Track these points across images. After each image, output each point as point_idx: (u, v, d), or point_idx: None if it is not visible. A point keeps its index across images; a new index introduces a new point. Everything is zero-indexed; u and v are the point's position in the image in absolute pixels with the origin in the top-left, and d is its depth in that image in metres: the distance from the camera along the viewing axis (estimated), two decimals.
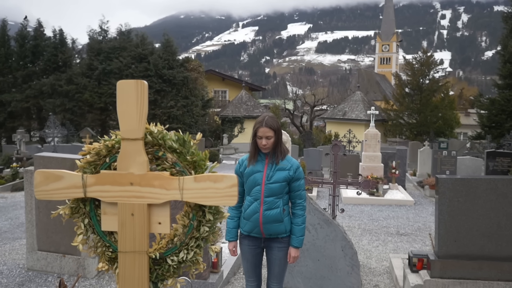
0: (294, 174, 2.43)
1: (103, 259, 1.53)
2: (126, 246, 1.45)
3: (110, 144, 1.48)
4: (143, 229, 1.44)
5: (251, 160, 2.45)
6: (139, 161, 1.42)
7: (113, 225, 1.46)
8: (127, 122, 1.42)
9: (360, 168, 9.91)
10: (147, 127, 1.45)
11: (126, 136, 1.42)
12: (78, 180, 1.44)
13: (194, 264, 1.50)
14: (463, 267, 3.39)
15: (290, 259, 2.50)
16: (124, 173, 1.42)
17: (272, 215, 2.40)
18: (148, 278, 1.46)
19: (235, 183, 1.38)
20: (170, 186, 1.40)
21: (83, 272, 4.02)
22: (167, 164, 1.45)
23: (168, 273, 1.50)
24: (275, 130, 2.38)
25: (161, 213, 1.45)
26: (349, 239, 3.61)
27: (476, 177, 4.13)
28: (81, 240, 1.50)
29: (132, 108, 1.41)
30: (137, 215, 1.43)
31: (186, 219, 1.47)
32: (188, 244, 1.47)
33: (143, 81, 1.42)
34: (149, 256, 1.46)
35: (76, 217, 1.51)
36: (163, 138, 1.45)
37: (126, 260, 1.45)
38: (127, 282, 1.46)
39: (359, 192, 5.32)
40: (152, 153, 1.46)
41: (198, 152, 1.47)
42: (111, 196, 1.44)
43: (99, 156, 1.48)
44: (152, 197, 1.42)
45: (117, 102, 1.43)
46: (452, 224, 3.42)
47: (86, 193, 1.45)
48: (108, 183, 1.43)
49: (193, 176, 1.41)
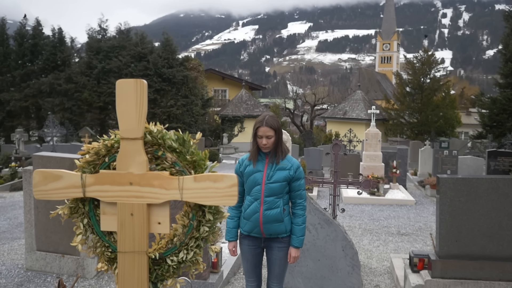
0: (294, 174, 2.42)
1: (102, 259, 1.52)
2: (126, 246, 1.44)
3: (109, 143, 1.47)
4: (142, 229, 1.43)
5: (251, 159, 2.43)
6: (138, 161, 1.41)
7: (112, 225, 1.45)
8: (127, 122, 1.41)
9: (361, 168, 9.90)
10: (146, 127, 1.44)
11: (126, 136, 1.41)
12: (77, 180, 1.43)
13: (194, 264, 1.49)
14: (464, 267, 3.38)
15: (290, 259, 2.49)
16: (123, 173, 1.41)
17: (272, 215, 2.39)
18: (147, 278, 1.45)
19: (235, 182, 1.37)
20: (170, 186, 1.39)
21: (82, 272, 4.01)
22: (167, 163, 1.44)
23: (168, 273, 1.49)
24: (276, 130, 2.37)
25: (160, 213, 1.44)
26: (349, 239, 3.60)
27: (478, 176, 4.12)
28: (80, 240, 1.49)
29: (132, 108, 1.40)
30: (136, 215, 1.42)
31: (185, 219, 1.46)
32: (188, 244, 1.46)
33: (143, 80, 1.41)
34: (148, 256, 1.45)
35: (75, 217, 1.50)
36: (162, 138, 1.44)
37: (126, 260, 1.44)
38: (126, 282, 1.45)
39: (360, 192, 5.30)
40: (151, 152, 1.45)
41: (198, 151, 1.46)
42: (110, 196, 1.43)
43: (98, 156, 1.47)
44: (151, 197, 1.41)
45: (117, 101, 1.41)
46: (453, 224, 3.41)
47: (85, 193, 1.44)
48: (107, 183, 1.42)
49: (193, 175, 1.40)
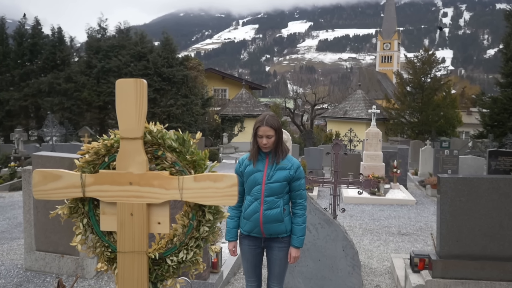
0: (294, 174, 2.42)
1: (102, 259, 1.51)
2: (125, 246, 1.43)
3: (109, 143, 1.46)
4: (142, 229, 1.42)
5: (252, 159, 2.43)
6: (138, 161, 1.40)
7: (112, 225, 1.45)
8: (126, 121, 1.40)
9: (361, 167, 9.89)
10: (146, 126, 1.43)
11: (125, 135, 1.40)
12: (77, 179, 1.43)
13: (194, 264, 1.49)
14: (465, 267, 3.37)
15: (290, 259, 2.49)
16: (123, 173, 1.41)
17: (273, 214, 2.38)
18: (147, 279, 1.45)
19: (235, 182, 1.36)
20: (170, 185, 1.39)
21: (82, 272, 4.00)
22: (167, 163, 1.43)
23: (168, 274, 1.49)
24: (276, 129, 2.36)
25: (160, 213, 1.43)
26: (350, 239, 3.59)
27: (478, 176, 4.11)
28: (79, 240, 1.49)
29: (131, 107, 1.40)
30: (136, 215, 1.42)
31: (185, 219, 1.46)
32: (187, 244, 1.46)
33: (142, 79, 1.40)
34: (148, 256, 1.44)
35: (75, 217, 1.50)
36: (162, 137, 1.43)
37: (125, 260, 1.44)
38: (126, 282, 1.44)
39: (360, 192, 5.29)
40: (151, 152, 1.44)
41: (197, 151, 1.46)
42: (110, 195, 1.42)
43: (98, 156, 1.47)
44: (151, 196, 1.40)
45: (116, 100, 1.41)
46: (454, 223, 3.40)
47: (84, 193, 1.43)
48: (107, 183, 1.42)
49: (193, 175, 1.39)
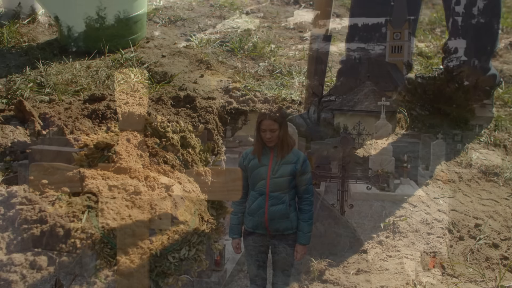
0: (301, 168, 2.34)
1: (101, 256, 1.48)
2: (126, 242, 1.39)
3: (109, 136, 1.42)
4: (143, 224, 1.38)
5: (256, 153, 2.36)
6: (138, 154, 1.35)
7: (111, 221, 1.41)
8: (127, 114, 1.35)
9: (370, 162, 9.76)
10: (147, 119, 1.38)
11: (126, 128, 1.36)
12: (75, 173, 1.39)
13: (196, 261, 1.45)
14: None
15: (297, 257, 2.43)
16: (122, 167, 1.36)
17: (278, 210, 2.32)
18: (148, 276, 1.41)
19: (238, 177, 1.32)
20: (171, 179, 1.34)
21: (80, 270, 4.01)
22: (168, 156, 1.39)
23: (169, 271, 1.45)
24: (280, 123, 2.28)
25: (161, 208, 1.39)
26: (358, 236, 3.52)
27: None
28: (78, 236, 1.46)
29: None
30: (136, 210, 1.37)
31: (187, 214, 1.41)
32: (190, 240, 1.42)
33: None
34: (149, 253, 1.41)
35: (73, 212, 1.46)
36: (164, 130, 1.38)
37: (125, 257, 1.40)
38: (126, 280, 1.41)
39: (369, 187, 5.20)
40: (152, 145, 1.39)
41: (200, 144, 1.41)
42: (109, 190, 1.38)
43: (97, 149, 1.43)
44: (152, 191, 1.35)
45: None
46: None
47: (83, 187, 1.39)
48: (106, 177, 1.38)
49: (195, 169, 1.34)
